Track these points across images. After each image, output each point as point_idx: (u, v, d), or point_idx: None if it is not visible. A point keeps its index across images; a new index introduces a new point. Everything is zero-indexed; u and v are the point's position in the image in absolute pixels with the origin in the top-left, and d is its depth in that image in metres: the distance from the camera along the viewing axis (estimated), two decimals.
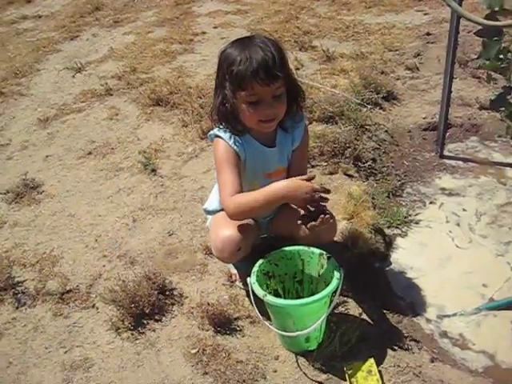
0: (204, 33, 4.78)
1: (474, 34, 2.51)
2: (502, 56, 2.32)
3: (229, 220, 1.92)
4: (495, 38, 2.35)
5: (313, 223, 1.73)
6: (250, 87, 1.77)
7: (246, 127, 1.91)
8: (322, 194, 1.75)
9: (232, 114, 1.87)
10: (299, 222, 1.76)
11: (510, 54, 2.38)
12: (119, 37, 4.98)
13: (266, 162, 1.99)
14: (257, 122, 1.85)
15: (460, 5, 2.36)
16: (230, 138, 1.90)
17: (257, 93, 1.78)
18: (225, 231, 1.93)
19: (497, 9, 2.25)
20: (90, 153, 3.21)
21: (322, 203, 1.76)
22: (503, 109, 2.58)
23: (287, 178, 2.02)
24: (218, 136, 1.93)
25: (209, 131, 2.02)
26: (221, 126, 1.92)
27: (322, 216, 1.73)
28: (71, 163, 3.14)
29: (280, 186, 1.79)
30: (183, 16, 5.27)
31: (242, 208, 1.83)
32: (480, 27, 2.34)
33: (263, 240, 2.17)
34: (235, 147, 1.90)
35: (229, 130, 1.91)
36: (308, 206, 1.76)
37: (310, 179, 1.80)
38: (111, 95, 3.84)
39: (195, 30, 4.88)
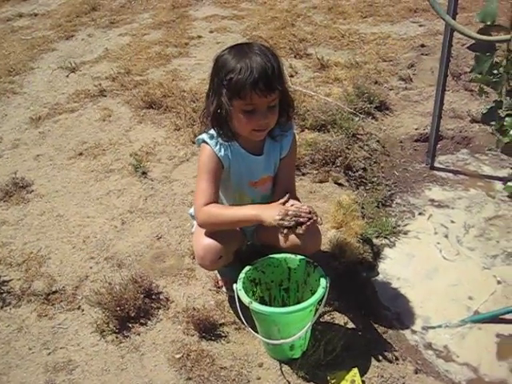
0: (200, 37, 4.78)
1: (467, 48, 2.52)
2: (494, 71, 2.34)
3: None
4: (488, 53, 2.37)
5: (297, 231, 1.71)
6: (248, 97, 1.76)
7: (236, 134, 1.90)
8: (299, 210, 1.72)
9: (225, 121, 1.86)
10: (284, 233, 1.74)
11: (502, 68, 2.40)
12: (115, 38, 4.97)
13: (252, 171, 1.98)
14: (250, 130, 1.85)
15: (454, 18, 2.38)
16: (217, 144, 1.90)
17: (254, 103, 1.78)
18: (206, 239, 1.92)
19: (489, 23, 2.27)
20: (81, 153, 3.19)
21: (301, 220, 1.71)
22: (494, 123, 2.60)
23: (274, 187, 2.04)
24: (205, 141, 1.93)
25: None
26: (210, 132, 1.92)
27: (304, 226, 1.70)
28: (62, 163, 3.13)
29: (251, 208, 1.84)
30: (179, 19, 5.27)
31: (211, 220, 1.87)
32: (473, 41, 2.36)
33: (251, 246, 2.17)
34: (220, 154, 1.90)
35: (219, 135, 1.90)
36: (285, 224, 1.71)
37: (285, 202, 1.81)
38: (104, 96, 3.83)
39: (191, 33, 4.88)
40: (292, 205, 1.79)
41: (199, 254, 1.95)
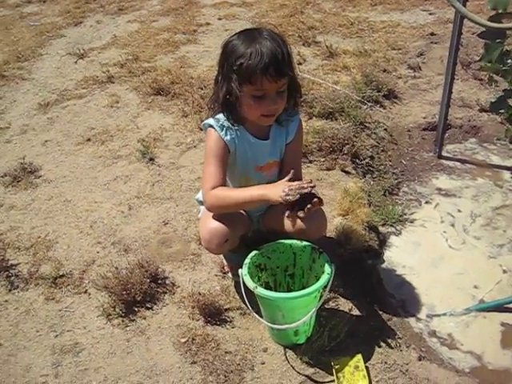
0: (208, 24, 4.77)
1: (478, 36, 2.51)
2: (504, 59, 2.32)
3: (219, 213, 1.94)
4: (498, 41, 2.35)
5: (302, 212, 1.70)
6: (259, 82, 1.76)
7: (244, 119, 1.91)
8: (302, 184, 1.71)
9: (235, 106, 1.86)
10: (287, 215, 1.74)
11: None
12: (123, 24, 4.97)
13: (257, 155, 1.98)
14: (259, 116, 1.85)
15: (464, 5, 2.35)
16: (223, 129, 1.91)
17: (264, 88, 1.78)
18: (213, 222, 1.93)
19: (501, 11, 2.25)
20: (88, 139, 3.20)
21: (305, 191, 1.70)
22: (503, 111, 2.58)
23: (280, 172, 2.03)
24: (211, 126, 1.93)
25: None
26: (216, 116, 1.92)
27: (309, 205, 1.70)
28: (70, 149, 3.14)
29: (257, 188, 1.83)
30: (188, 6, 5.26)
31: (219, 202, 1.87)
32: (483, 29, 2.34)
33: (257, 232, 2.18)
34: (226, 138, 1.90)
35: (228, 119, 1.90)
36: (290, 198, 1.70)
37: (290, 180, 1.80)
38: (112, 83, 3.84)
39: (199, 20, 4.87)
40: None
41: (205, 238, 1.96)
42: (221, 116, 1.93)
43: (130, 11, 5.30)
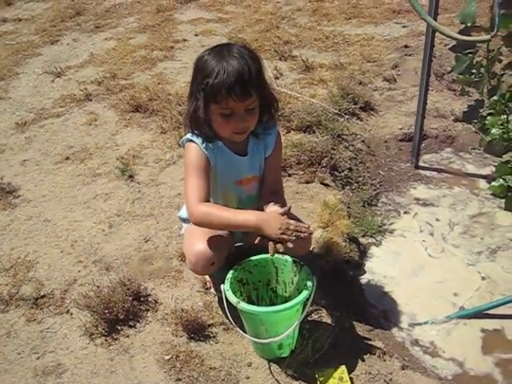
0: (185, 40, 4.79)
1: (449, 49, 2.57)
2: (474, 70, 2.38)
3: (202, 232, 1.93)
4: (468, 53, 2.41)
5: (288, 245, 1.72)
6: (224, 102, 1.76)
7: (216, 135, 1.91)
8: (300, 227, 1.73)
9: (204, 122, 1.86)
10: (257, 239, 1.76)
11: (482, 68, 2.45)
12: (100, 42, 4.97)
13: (237, 171, 1.99)
14: (229, 133, 1.86)
15: (435, 19, 2.41)
16: (203, 142, 1.90)
17: (231, 107, 1.78)
18: (198, 245, 1.91)
19: (470, 24, 2.32)
20: (67, 158, 3.19)
21: (302, 235, 1.73)
22: (476, 121, 2.65)
23: (261, 187, 2.04)
24: (190, 140, 1.92)
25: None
26: (195, 132, 1.92)
27: (287, 244, 1.72)
28: (48, 168, 3.13)
29: (254, 218, 1.78)
30: (164, 23, 5.28)
31: (210, 219, 1.80)
32: (454, 42, 2.40)
33: (238, 248, 2.18)
34: (206, 152, 1.89)
35: (201, 136, 1.90)
36: (285, 238, 1.72)
37: (285, 213, 1.80)
38: (90, 100, 3.83)
39: (176, 37, 4.89)
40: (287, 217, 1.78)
41: (191, 261, 1.95)
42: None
43: (106, 29, 5.30)
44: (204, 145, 1.90)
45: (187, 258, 2.00)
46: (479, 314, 2.15)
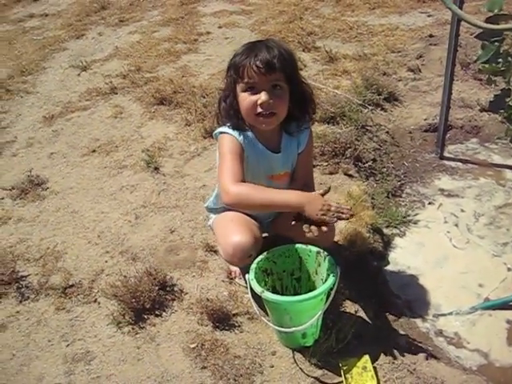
0: (208, 33, 4.81)
1: (475, 36, 2.54)
2: (500, 59, 2.35)
3: (237, 223, 1.96)
4: (495, 41, 2.38)
5: (309, 230, 1.73)
6: (246, 73, 1.78)
7: (247, 126, 1.91)
8: (341, 209, 1.70)
9: (233, 108, 1.88)
10: (293, 222, 1.77)
11: (509, 57, 2.41)
12: (124, 36, 5.02)
13: (269, 166, 1.99)
14: (254, 115, 1.83)
15: (461, 7, 2.39)
16: (240, 135, 1.89)
17: (254, 81, 1.78)
18: (235, 236, 1.92)
19: (497, 12, 2.28)
20: (94, 150, 3.25)
21: (343, 217, 1.70)
22: (502, 111, 2.61)
23: (292, 181, 2.05)
24: (224, 132, 1.91)
25: (212, 130, 2.03)
26: (227, 124, 1.92)
27: (325, 228, 1.72)
28: (75, 160, 3.18)
29: (295, 196, 1.74)
30: (188, 16, 5.30)
31: (248, 198, 1.75)
32: (481, 30, 2.37)
33: (264, 238, 2.20)
34: (240, 138, 1.89)
35: (232, 126, 1.91)
36: (326, 219, 1.70)
37: (325, 193, 1.77)
38: (116, 94, 3.88)
39: (200, 29, 4.91)
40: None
41: (228, 252, 1.95)
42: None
43: (130, 22, 5.35)
44: (238, 133, 1.90)
45: (223, 249, 2.00)
46: (505, 306, 2.13)
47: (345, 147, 2.88)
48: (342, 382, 1.80)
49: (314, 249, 1.92)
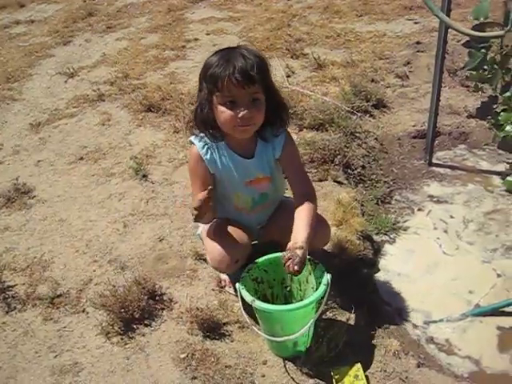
0: (196, 39, 4.80)
1: (462, 45, 2.55)
2: (487, 66, 2.36)
3: (225, 230, 1.97)
4: (482, 49, 2.39)
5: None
6: (225, 88, 1.76)
7: (223, 134, 1.91)
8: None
9: (209, 119, 1.87)
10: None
11: (496, 64, 2.43)
12: (112, 42, 5.00)
13: (243, 172, 1.98)
14: (232, 126, 1.83)
15: (448, 15, 2.40)
16: (204, 147, 1.93)
17: (233, 94, 1.77)
18: (223, 243, 1.95)
19: (482, 20, 2.30)
20: (81, 158, 3.22)
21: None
22: (490, 118, 2.62)
23: (293, 191, 2.04)
24: (193, 143, 1.95)
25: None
26: (200, 134, 1.94)
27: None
28: (63, 168, 3.15)
29: None
30: (176, 22, 5.29)
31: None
32: (467, 38, 2.38)
33: (253, 246, 2.19)
34: (206, 157, 1.92)
35: (206, 136, 1.91)
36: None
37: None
38: (103, 101, 3.86)
39: (187, 36, 4.90)
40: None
41: (215, 259, 1.98)
42: (203, 135, 1.94)
43: (118, 29, 5.33)
44: (205, 150, 1.92)
45: (211, 256, 2.01)
46: (495, 312, 2.14)
47: (334, 154, 2.88)
48: None
49: None
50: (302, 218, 1.86)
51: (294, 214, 1.88)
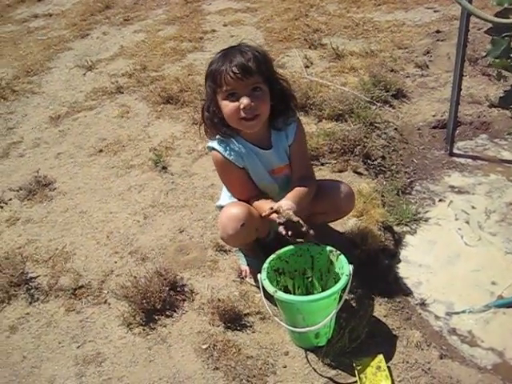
0: (214, 31, 4.79)
1: (484, 32, 2.51)
2: (511, 54, 2.32)
3: (236, 202, 2.02)
4: (505, 36, 2.35)
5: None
6: (224, 81, 1.81)
7: (234, 130, 1.95)
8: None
9: (217, 117, 1.91)
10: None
11: None
12: (129, 35, 5.01)
13: (267, 163, 2.03)
14: (238, 119, 1.87)
15: (470, 2, 2.36)
16: (225, 149, 1.96)
17: (233, 87, 1.82)
18: (231, 209, 1.98)
19: (506, 6, 2.26)
20: (101, 150, 3.23)
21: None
22: None
23: (292, 175, 2.08)
24: (214, 149, 1.98)
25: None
26: (216, 137, 1.98)
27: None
28: (82, 160, 3.17)
29: None
30: (193, 14, 5.28)
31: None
32: (490, 25, 2.34)
33: (274, 238, 2.18)
34: (232, 158, 1.95)
35: (219, 136, 1.96)
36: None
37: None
38: (122, 93, 3.87)
39: (205, 27, 4.89)
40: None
41: (222, 222, 2.00)
42: (219, 136, 1.98)
43: (135, 21, 5.33)
44: (228, 151, 1.95)
45: (219, 224, 2.04)
46: None
47: (354, 145, 2.86)
48: (357, 381, 1.78)
49: (327, 247, 1.91)
50: (294, 190, 1.95)
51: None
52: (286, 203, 1.86)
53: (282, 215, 1.80)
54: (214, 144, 1.98)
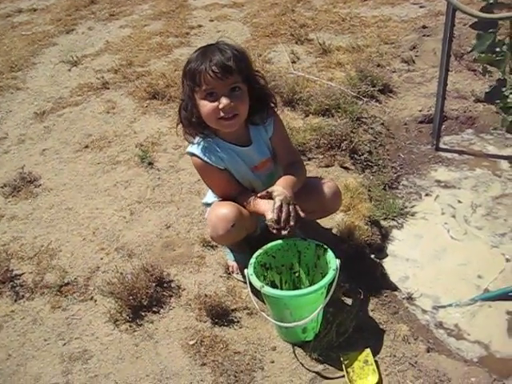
0: (200, 26, 4.76)
1: (470, 26, 2.52)
2: (496, 49, 2.33)
3: (225, 202, 1.99)
4: (490, 31, 2.36)
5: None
6: (203, 81, 1.79)
7: (212, 130, 1.93)
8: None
9: (195, 116, 1.89)
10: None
11: (504, 46, 2.40)
12: (115, 30, 4.96)
13: (248, 160, 2.02)
14: (216, 119, 1.85)
15: None
16: (204, 152, 1.95)
17: (212, 87, 1.80)
18: (221, 209, 1.96)
19: (491, 1, 2.27)
20: (86, 146, 3.20)
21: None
22: (498, 101, 2.60)
23: (276, 166, 2.09)
24: (194, 154, 1.97)
25: None
26: (195, 141, 1.96)
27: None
28: (68, 157, 3.14)
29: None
30: (179, 9, 5.24)
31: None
32: (475, 20, 2.35)
33: (261, 233, 2.18)
34: (212, 161, 1.94)
35: (198, 137, 1.94)
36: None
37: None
38: (107, 89, 3.83)
39: (191, 23, 4.86)
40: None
41: (212, 221, 1.98)
42: (197, 138, 1.96)
43: (121, 16, 5.28)
44: (207, 154, 1.94)
45: (209, 224, 2.03)
46: (504, 297, 2.13)
47: (340, 139, 2.86)
48: (344, 376, 1.79)
49: (314, 242, 1.91)
50: (284, 177, 1.95)
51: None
52: (278, 189, 1.87)
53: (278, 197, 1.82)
54: (194, 149, 1.97)
